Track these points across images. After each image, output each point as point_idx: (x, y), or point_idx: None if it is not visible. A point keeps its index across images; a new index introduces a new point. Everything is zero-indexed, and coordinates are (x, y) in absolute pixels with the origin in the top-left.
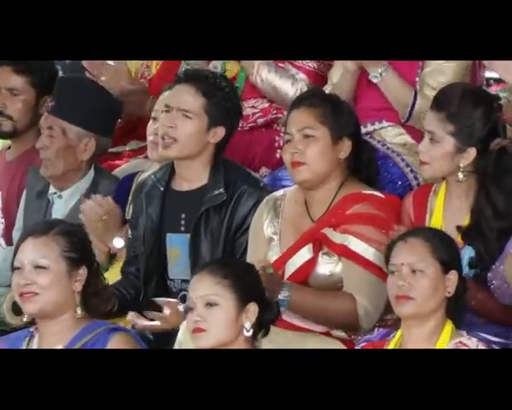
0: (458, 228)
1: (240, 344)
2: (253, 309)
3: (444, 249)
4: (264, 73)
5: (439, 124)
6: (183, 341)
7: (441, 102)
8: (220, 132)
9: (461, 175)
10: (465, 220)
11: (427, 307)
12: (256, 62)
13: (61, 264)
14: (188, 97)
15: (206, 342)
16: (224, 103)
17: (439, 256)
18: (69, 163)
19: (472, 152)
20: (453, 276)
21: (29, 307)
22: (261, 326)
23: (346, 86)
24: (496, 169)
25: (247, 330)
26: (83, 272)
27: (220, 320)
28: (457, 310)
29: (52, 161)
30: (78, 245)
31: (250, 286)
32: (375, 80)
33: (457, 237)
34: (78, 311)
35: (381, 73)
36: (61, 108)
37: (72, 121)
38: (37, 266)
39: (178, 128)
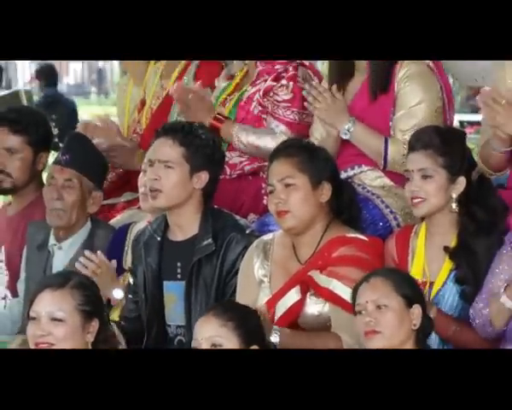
0: (446, 248)
1: None
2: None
3: (405, 285)
4: (243, 138)
5: (428, 160)
6: None
7: (424, 140)
8: (204, 177)
9: (454, 205)
10: (446, 258)
11: (395, 339)
12: (233, 132)
13: (76, 317)
14: (166, 149)
15: None
16: (202, 150)
17: (401, 291)
18: (80, 215)
19: (462, 181)
20: (417, 309)
21: None
22: None
23: (332, 139)
24: (478, 193)
25: None
26: (95, 324)
27: None
28: (424, 342)
29: (67, 211)
30: (91, 299)
31: (253, 330)
32: (344, 137)
33: (445, 259)
34: None
35: (348, 129)
36: (77, 162)
37: (88, 175)
38: (54, 319)
39: (162, 179)
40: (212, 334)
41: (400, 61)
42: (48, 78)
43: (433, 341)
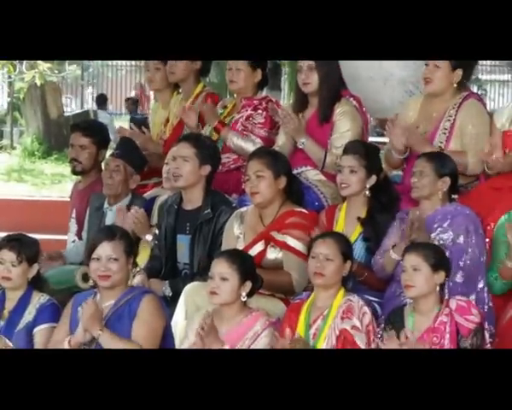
0: (358, 218)
1: (237, 304)
2: (248, 284)
3: (345, 246)
4: (234, 140)
5: (355, 161)
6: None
7: (354, 148)
8: (207, 168)
9: (367, 192)
10: (357, 225)
11: (331, 281)
12: (229, 135)
13: (123, 257)
14: (185, 149)
15: (217, 301)
16: (207, 150)
17: (342, 250)
18: (123, 188)
19: (374, 177)
20: (348, 264)
21: (104, 283)
22: (250, 293)
23: (288, 148)
24: (383, 185)
25: (243, 297)
26: (132, 260)
27: (228, 290)
28: (348, 282)
29: (115, 185)
30: (131, 244)
31: (248, 269)
32: (300, 146)
33: (357, 226)
34: (130, 282)
35: (303, 142)
36: (124, 155)
37: (130, 164)
38: (111, 258)
39: (181, 168)
40: (222, 271)
41: (338, 103)
42: (135, 104)
43: None
